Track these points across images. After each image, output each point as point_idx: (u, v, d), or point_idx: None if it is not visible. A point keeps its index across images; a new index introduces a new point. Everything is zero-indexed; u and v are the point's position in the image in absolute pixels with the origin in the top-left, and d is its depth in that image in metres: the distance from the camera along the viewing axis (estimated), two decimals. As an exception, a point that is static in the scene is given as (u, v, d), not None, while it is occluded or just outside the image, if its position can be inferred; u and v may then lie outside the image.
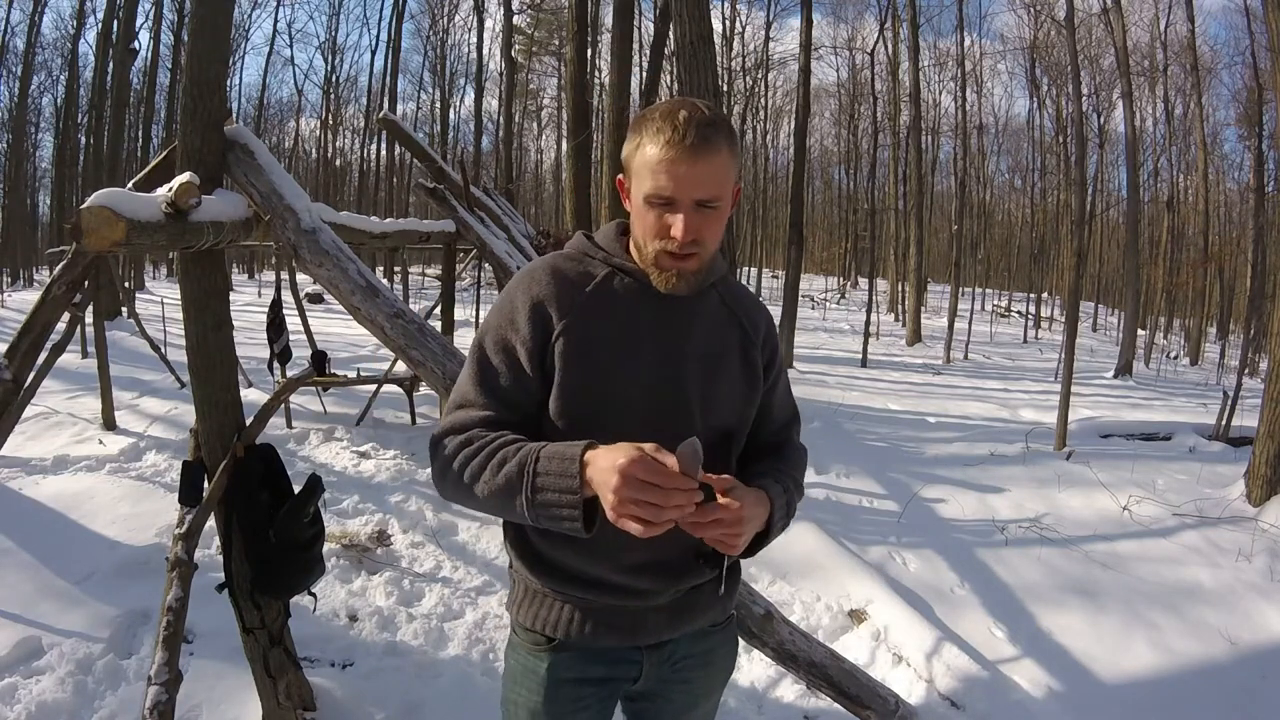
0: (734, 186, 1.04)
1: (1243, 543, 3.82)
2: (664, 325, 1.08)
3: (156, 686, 1.87)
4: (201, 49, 2.06)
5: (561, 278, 1.08)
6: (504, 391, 1.05)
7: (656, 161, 0.97)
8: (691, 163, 0.96)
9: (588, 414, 1.03)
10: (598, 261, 1.10)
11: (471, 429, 1.02)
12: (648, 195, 0.99)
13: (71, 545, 3.41)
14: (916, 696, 2.55)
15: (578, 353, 1.03)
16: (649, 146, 0.98)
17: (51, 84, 22.13)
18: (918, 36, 15.54)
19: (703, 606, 1.16)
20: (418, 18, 30.19)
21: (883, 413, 7.50)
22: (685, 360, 1.08)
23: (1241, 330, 14.35)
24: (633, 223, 1.06)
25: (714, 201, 0.99)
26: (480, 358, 1.07)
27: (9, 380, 2.80)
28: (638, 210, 1.03)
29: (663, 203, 0.99)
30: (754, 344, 1.16)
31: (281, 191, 2.15)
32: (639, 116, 1.04)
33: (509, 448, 0.96)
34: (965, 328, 14.15)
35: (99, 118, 16.50)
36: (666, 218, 1.00)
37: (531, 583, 1.13)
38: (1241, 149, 18.96)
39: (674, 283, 1.05)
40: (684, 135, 0.96)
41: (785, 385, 1.27)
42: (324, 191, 24.96)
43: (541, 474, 0.91)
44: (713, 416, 1.09)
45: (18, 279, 21.94)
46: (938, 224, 27.80)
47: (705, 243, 1.02)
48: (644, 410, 1.04)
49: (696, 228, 1.00)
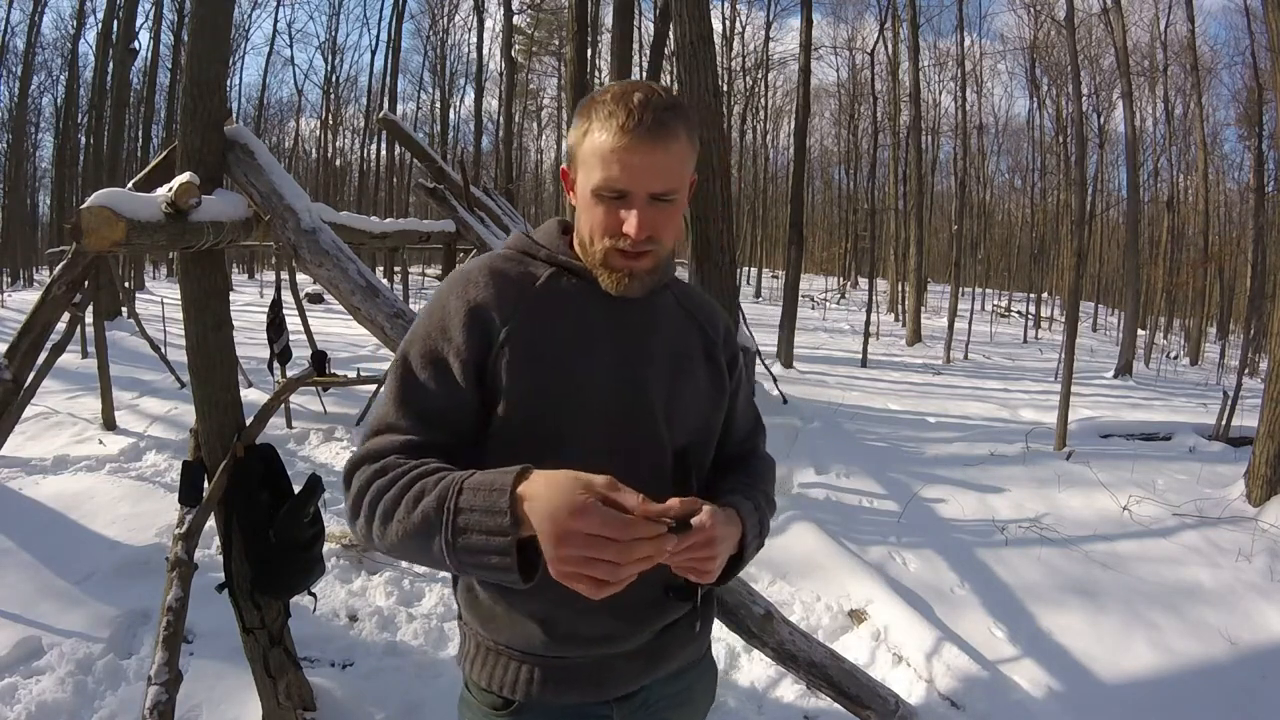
0: (690, 177, 0.94)
1: (1243, 543, 3.82)
2: (620, 326, 0.96)
3: (156, 686, 1.87)
4: (201, 49, 2.06)
5: (502, 279, 0.95)
6: (432, 412, 0.90)
7: (608, 150, 0.86)
8: (648, 151, 0.86)
9: (541, 422, 0.91)
10: (540, 261, 0.99)
11: (387, 457, 0.86)
12: (597, 187, 0.88)
13: (71, 545, 3.41)
14: (916, 696, 2.55)
15: (526, 357, 0.91)
16: (599, 133, 0.87)
17: (51, 84, 22.17)
18: (918, 36, 15.55)
19: (678, 646, 1.03)
20: (418, 18, 30.20)
21: (883, 413, 7.50)
22: (647, 362, 0.97)
23: (1241, 330, 14.35)
24: (578, 218, 0.95)
25: (670, 194, 0.89)
26: (404, 373, 0.92)
27: (9, 380, 2.80)
28: (585, 204, 0.91)
29: (614, 196, 0.88)
30: (715, 346, 1.06)
31: (281, 191, 2.14)
32: (587, 99, 0.92)
33: (429, 478, 0.81)
34: (965, 328, 14.15)
35: (99, 118, 16.51)
36: (618, 213, 0.89)
37: (483, 638, 0.99)
38: (1241, 149, 19.00)
39: (625, 284, 0.93)
40: (639, 120, 0.85)
41: (748, 391, 1.16)
42: (324, 191, 24.97)
43: (464, 510, 0.75)
44: (679, 424, 0.98)
45: (18, 279, 21.94)
46: (938, 224, 27.80)
47: (661, 240, 0.91)
48: (604, 417, 0.92)
49: (652, 223, 0.89)
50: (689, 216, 7.41)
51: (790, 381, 8.54)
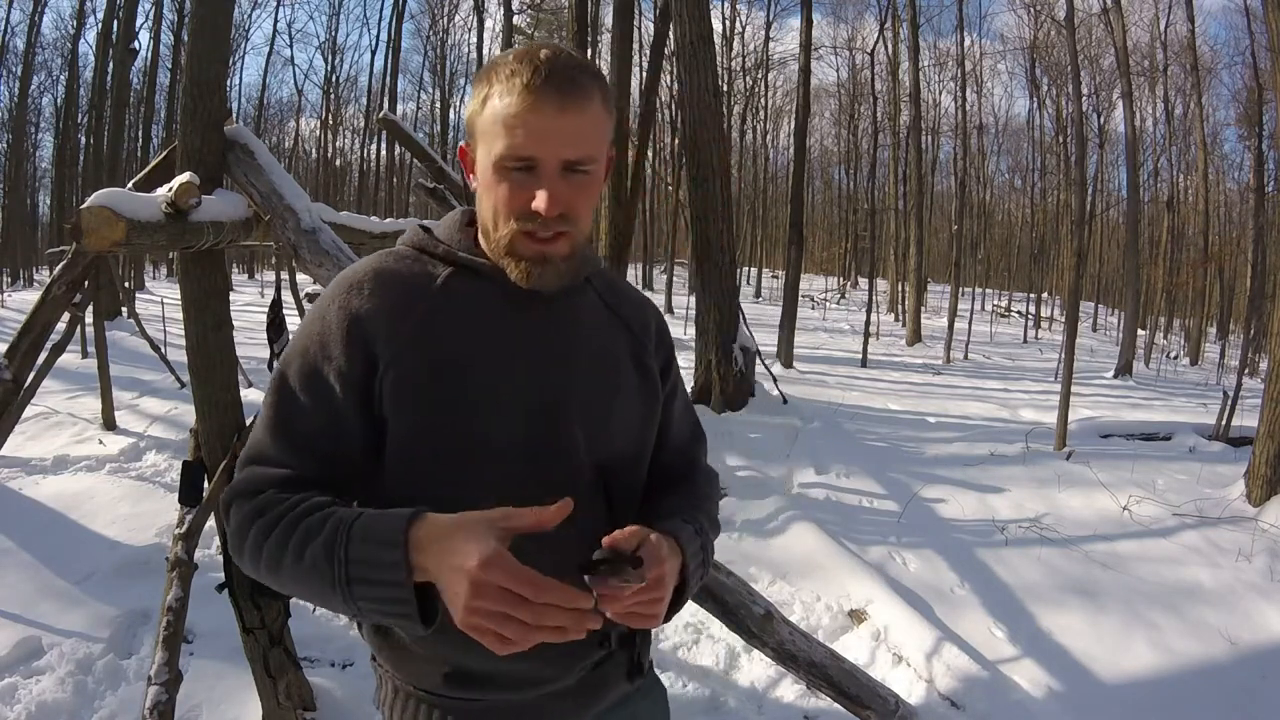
0: (609, 151, 0.82)
1: (1243, 543, 3.82)
2: (531, 334, 0.83)
3: (156, 686, 1.88)
4: (201, 49, 2.06)
5: (390, 284, 0.82)
6: (311, 442, 0.78)
7: (511, 113, 0.74)
8: (557, 112, 0.74)
9: (437, 455, 0.78)
10: (437, 259, 0.85)
11: (264, 492, 0.75)
12: (500, 158, 0.75)
13: (71, 545, 3.41)
14: (916, 696, 2.55)
15: (416, 384, 0.78)
16: (501, 97, 0.75)
17: (51, 84, 22.17)
18: (918, 36, 15.55)
19: (615, 680, 0.92)
20: (418, 18, 30.21)
21: (883, 413, 7.50)
22: (565, 376, 0.83)
23: (1241, 330, 14.36)
24: (479, 203, 0.82)
25: (586, 164, 0.77)
26: (280, 395, 0.80)
27: (9, 380, 2.81)
28: (486, 182, 0.78)
29: (520, 166, 0.75)
30: (645, 349, 0.93)
31: (281, 191, 2.15)
32: (487, 64, 0.80)
33: (312, 518, 0.71)
34: (965, 328, 14.15)
35: (99, 118, 16.51)
36: (525, 188, 0.76)
37: (400, 682, 0.88)
38: (1241, 149, 19.00)
39: (537, 275, 0.79)
40: (547, 77, 0.73)
41: (685, 397, 1.02)
42: (324, 191, 24.97)
43: (355, 561, 0.66)
44: (606, 445, 0.85)
45: (18, 279, 21.95)
46: (938, 224, 27.81)
47: (577, 219, 0.79)
48: (513, 445, 0.80)
49: (565, 198, 0.76)
50: (688, 218, 7.40)
51: (790, 381, 8.54)
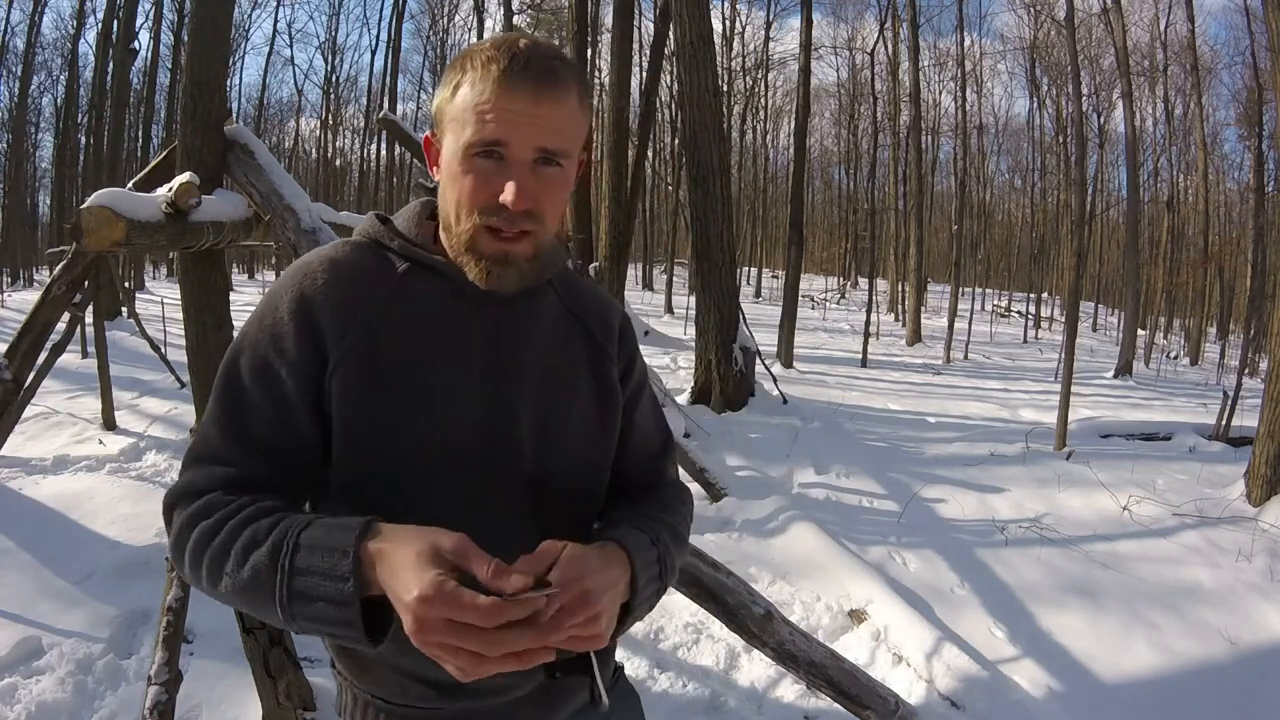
0: (580, 155, 0.78)
1: (1243, 543, 3.82)
2: (486, 336, 0.79)
3: (156, 686, 1.88)
4: (201, 49, 2.06)
5: (343, 277, 0.78)
6: (261, 440, 0.74)
7: (484, 99, 0.71)
8: (533, 100, 0.71)
9: (382, 459, 0.75)
10: (394, 254, 0.81)
11: (210, 494, 0.71)
12: (468, 144, 0.72)
13: (71, 545, 3.41)
14: (916, 696, 2.55)
15: (365, 377, 0.75)
16: (473, 85, 0.72)
17: (51, 84, 22.18)
18: (918, 36, 15.55)
19: (578, 686, 0.87)
20: (418, 18, 30.23)
21: (883, 413, 7.50)
22: (516, 382, 0.80)
23: (1241, 330, 14.36)
24: (442, 195, 0.78)
25: (559, 156, 0.73)
26: (229, 389, 0.75)
27: (9, 380, 2.81)
28: (450, 172, 0.75)
29: (487, 153, 0.72)
30: (606, 354, 0.88)
31: (281, 191, 2.15)
32: (460, 54, 0.76)
33: (260, 523, 0.67)
34: (965, 328, 14.15)
35: (99, 118, 16.52)
36: (493, 179, 0.72)
37: (359, 691, 0.86)
38: (1241, 149, 19.01)
39: (497, 276, 0.75)
40: (525, 64, 0.71)
41: (650, 404, 0.96)
42: (324, 191, 24.98)
43: (300, 571, 0.62)
44: (556, 455, 0.81)
45: (18, 279, 21.96)
46: (938, 224, 27.81)
47: (543, 216, 0.75)
48: (460, 452, 0.77)
49: (534, 192, 0.72)
50: (688, 218, 7.40)
51: (790, 381, 8.54)
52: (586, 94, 0.78)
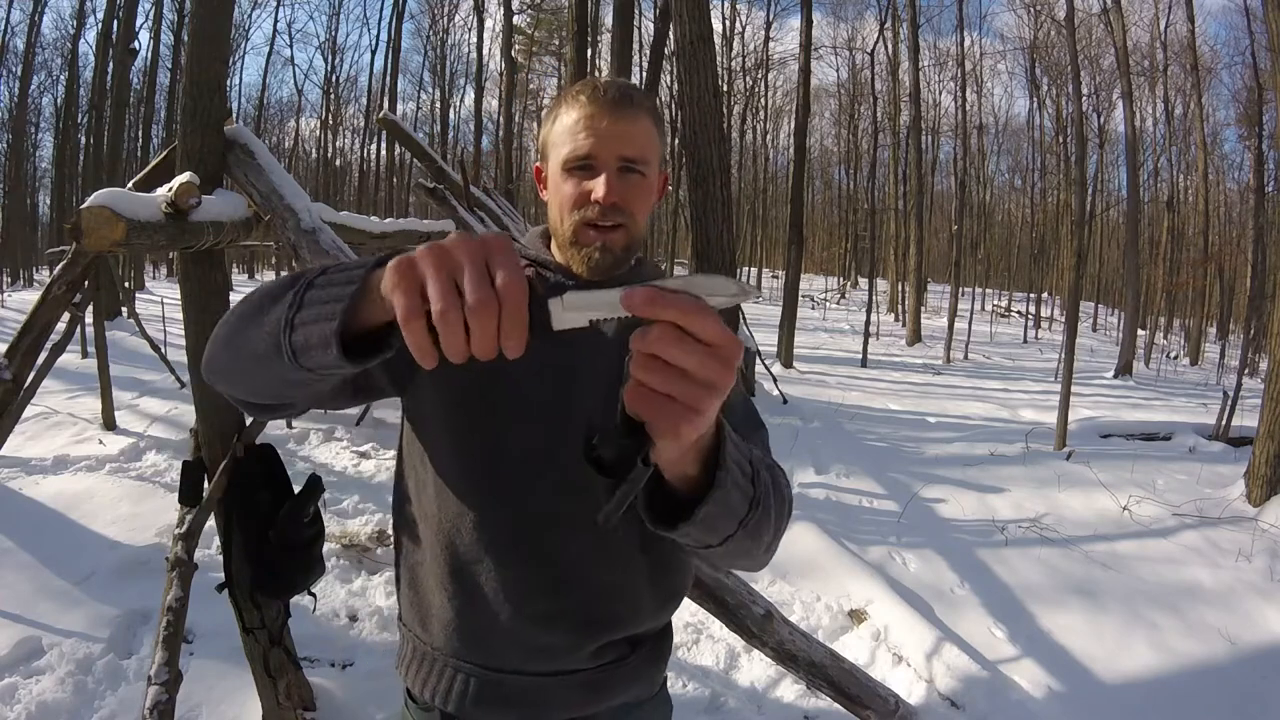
0: (662, 171, 0.92)
1: (1243, 543, 3.82)
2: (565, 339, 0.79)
3: (156, 686, 1.88)
4: (201, 49, 2.06)
5: None
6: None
7: (574, 122, 0.87)
8: (614, 118, 0.86)
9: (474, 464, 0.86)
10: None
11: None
12: (565, 159, 0.87)
13: (71, 545, 3.41)
14: (916, 696, 2.55)
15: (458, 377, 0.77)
16: (567, 114, 0.88)
17: (51, 84, 22.14)
18: (918, 36, 15.56)
19: (624, 680, 0.95)
20: (418, 18, 30.18)
21: (883, 413, 7.50)
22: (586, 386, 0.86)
23: (1241, 330, 14.35)
24: (549, 209, 0.92)
25: (639, 164, 0.87)
26: None
27: (9, 380, 2.80)
28: (555, 186, 0.89)
29: (582, 166, 0.86)
30: None
31: (281, 191, 2.15)
32: (559, 93, 0.94)
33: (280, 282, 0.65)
34: (965, 328, 14.16)
35: (99, 118, 16.50)
36: (586, 183, 0.86)
37: (419, 642, 0.96)
38: (1241, 149, 18.98)
39: (596, 260, 0.88)
40: (605, 92, 0.87)
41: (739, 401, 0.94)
42: (324, 191, 24.96)
43: (319, 285, 0.59)
44: None
45: (18, 279, 21.94)
46: (938, 224, 27.82)
47: (632, 212, 0.88)
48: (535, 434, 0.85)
49: (620, 191, 0.86)
50: (688, 218, 7.40)
51: (790, 381, 8.54)
52: (659, 120, 0.91)
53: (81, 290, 3.43)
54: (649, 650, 0.97)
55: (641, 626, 0.94)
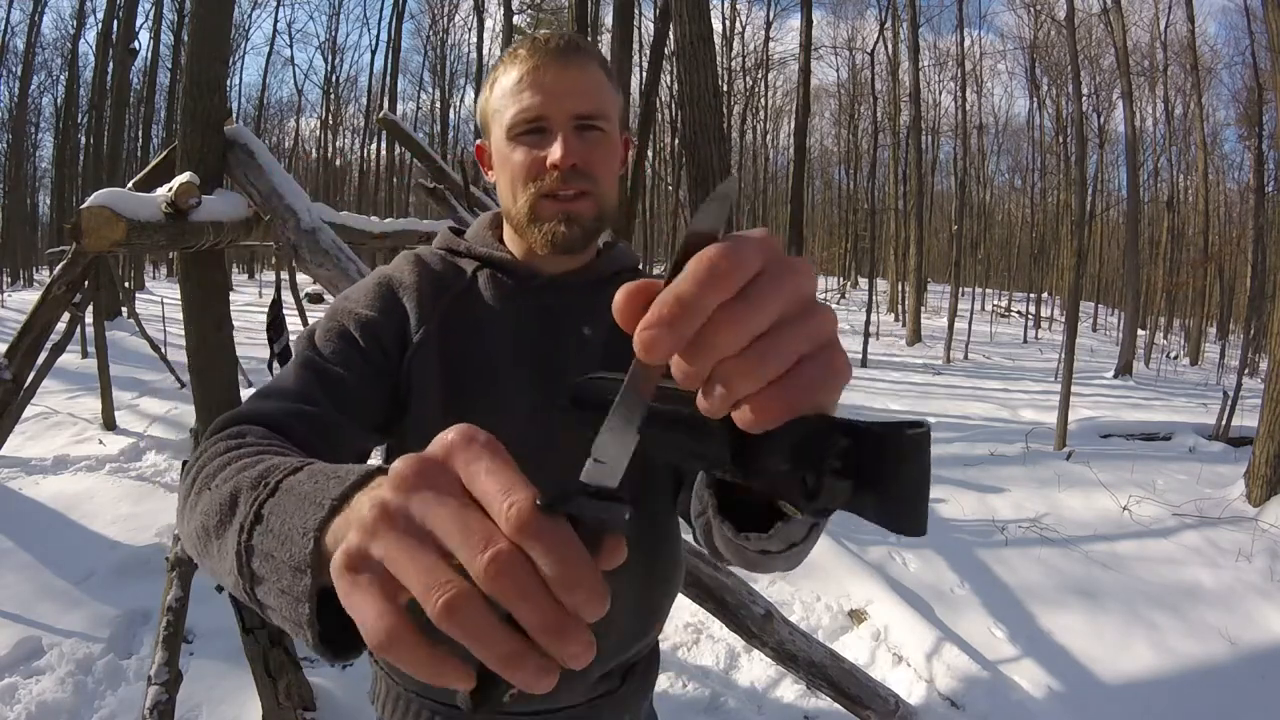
0: (624, 133, 0.81)
1: (1243, 543, 3.82)
2: (548, 331, 0.79)
3: (156, 686, 1.88)
4: (201, 49, 2.06)
5: (426, 272, 0.81)
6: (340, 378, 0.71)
7: (517, 80, 0.75)
8: (561, 68, 0.74)
9: None
10: (463, 256, 0.83)
11: (253, 424, 0.62)
12: (511, 124, 0.75)
13: (71, 545, 3.41)
14: (916, 696, 2.55)
15: (432, 377, 0.76)
16: (506, 74, 0.76)
17: (51, 84, 22.13)
18: (918, 36, 15.56)
19: (612, 711, 0.88)
20: (418, 18, 30.17)
21: (883, 413, 7.50)
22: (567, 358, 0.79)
23: (1241, 330, 14.35)
24: (499, 187, 0.80)
25: (598, 119, 0.75)
26: (310, 345, 0.74)
27: (9, 380, 2.80)
28: (501, 158, 0.77)
29: (531, 129, 0.74)
30: None
31: (281, 191, 2.15)
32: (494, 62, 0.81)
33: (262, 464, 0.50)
34: (965, 328, 14.16)
35: (99, 118, 16.51)
36: (539, 149, 0.74)
37: (391, 682, 0.86)
38: (1241, 149, 18.97)
39: (563, 235, 0.75)
40: (548, 42, 0.76)
41: None
42: (324, 191, 24.96)
43: (260, 534, 0.42)
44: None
45: (18, 279, 21.94)
46: (938, 224, 27.80)
47: (595, 175, 0.76)
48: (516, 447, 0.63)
49: (580, 152, 0.74)
50: (687, 218, 7.39)
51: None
52: (609, 69, 0.79)
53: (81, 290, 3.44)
54: (640, 679, 0.91)
55: (632, 650, 0.88)
